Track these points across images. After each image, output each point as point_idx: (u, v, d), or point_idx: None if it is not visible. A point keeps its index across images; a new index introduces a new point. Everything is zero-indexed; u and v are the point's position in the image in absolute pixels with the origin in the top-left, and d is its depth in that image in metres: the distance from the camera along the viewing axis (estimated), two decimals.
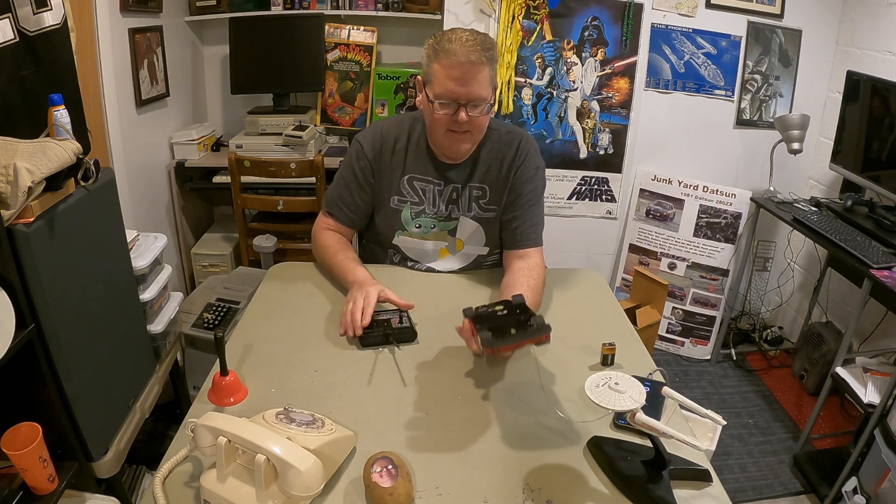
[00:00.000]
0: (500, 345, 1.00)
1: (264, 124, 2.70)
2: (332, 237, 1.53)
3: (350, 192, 1.52)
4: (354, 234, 1.62)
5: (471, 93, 1.31)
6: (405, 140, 1.49)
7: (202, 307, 2.10)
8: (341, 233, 1.55)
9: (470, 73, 1.29)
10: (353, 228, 1.57)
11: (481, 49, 1.29)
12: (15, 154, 1.07)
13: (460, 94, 1.31)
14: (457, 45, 1.29)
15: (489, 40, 1.33)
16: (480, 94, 1.32)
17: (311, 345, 1.23)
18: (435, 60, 1.32)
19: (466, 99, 1.32)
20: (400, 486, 0.83)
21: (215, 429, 0.83)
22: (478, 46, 1.29)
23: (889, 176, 2.21)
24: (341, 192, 1.53)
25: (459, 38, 1.30)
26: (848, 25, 2.63)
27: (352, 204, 1.52)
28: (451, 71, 1.30)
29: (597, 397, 0.84)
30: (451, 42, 1.30)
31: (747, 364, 2.86)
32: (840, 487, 1.92)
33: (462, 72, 1.29)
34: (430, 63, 1.34)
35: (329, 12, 2.79)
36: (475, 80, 1.30)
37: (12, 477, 1.11)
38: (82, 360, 1.26)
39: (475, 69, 1.29)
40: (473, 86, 1.31)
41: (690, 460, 0.95)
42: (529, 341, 1.01)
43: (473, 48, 1.29)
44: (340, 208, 1.53)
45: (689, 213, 2.80)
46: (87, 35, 1.97)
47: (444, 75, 1.31)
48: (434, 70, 1.33)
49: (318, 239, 1.55)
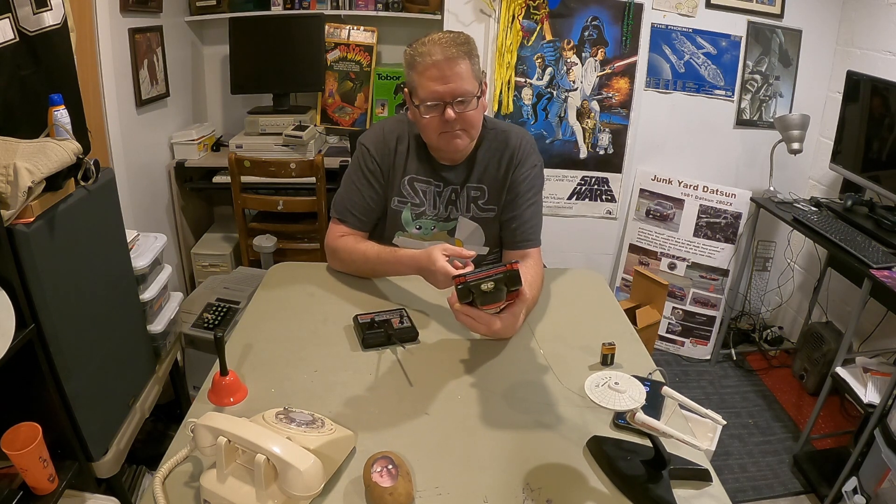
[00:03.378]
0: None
1: (264, 124, 2.70)
2: (350, 241, 1.47)
3: (361, 195, 1.49)
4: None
5: (454, 89, 1.31)
6: (406, 141, 1.48)
7: (202, 307, 2.10)
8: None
9: (448, 69, 1.30)
10: (364, 231, 1.53)
11: (455, 44, 1.30)
12: (15, 154, 1.07)
13: (443, 92, 1.31)
14: (429, 47, 1.30)
15: (463, 35, 1.34)
16: (464, 88, 1.32)
17: (311, 345, 1.23)
18: (412, 69, 1.33)
19: (451, 96, 1.31)
20: (400, 486, 0.83)
21: (215, 429, 0.83)
22: (451, 42, 1.30)
23: (889, 176, 2.21)
24: (352, 197, 1.49)
25: (431, 39, 1.32)
26: (848, 25, 2.63)
27: (363, 206, 1.49)
28: (429, 72, 1.30)
29: (597, 397, 0.84)
30: (423, 45, 1.31)
31: (747, 364, 2.86)
32: (840, 487, 1.92)
33: (440, 70, 1.30)
34: (410, 73, 1.36)
35: (329, 12, 2.80)
36: (455, 76, 1.30)
37: (12, 477, 1.11)
38: (82, 360, 1.26)
39: (452, 63, 1.30)
40: (455, 81, 1.31)
41: (690, 460, 0.95)
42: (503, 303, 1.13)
43: (447, 45, 1.30)
44: (352, 213, 1.49)
45: (689, 213, 2.80)
46: (87, 35, 1.97)
47: (424, 78, 1.32)
48: (414, 78, 1.34)
49: (337, 249, 1.47)
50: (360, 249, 1.45)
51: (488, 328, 1.15)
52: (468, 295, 1.09)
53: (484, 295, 1.08)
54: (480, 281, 1.07)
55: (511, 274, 1.08)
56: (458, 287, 1.08)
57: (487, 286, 1.07)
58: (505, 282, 1.08)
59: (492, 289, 1.07)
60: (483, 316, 1.14)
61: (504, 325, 1.17)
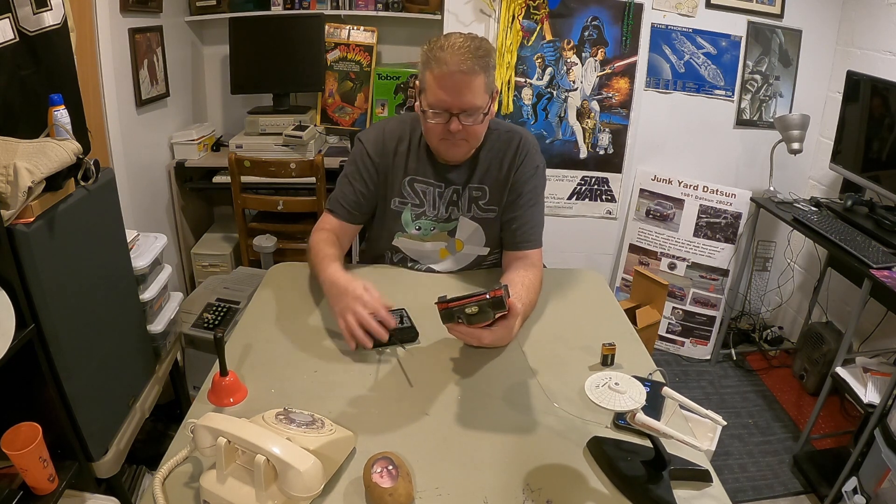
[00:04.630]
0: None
1: (264, 124, 2.70)
2: (320, 236, 1.45)
3: (352, 188, 1.49)
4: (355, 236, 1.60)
5: (463, 103, 1.29)
6: (407, 142, 1.48)
7: (202, 307, 2.10)
8: (338, 231, 1.49)
9: (462, 83, 1.27)
10: (353, 223, 1.52)
11: (474, 57, 1.26)
12: (15, 154, 1.07)
13: (452, 104, 1.29)
14: (448, 54, 1.26)
15: (484, 46, 1.29)
16: (473, 104, 1.30)
17: (311, 345, 1.23)
18: (427, 69, 1.31)
19: (459, 109, 1.30)
20: (400, 487, 0.83)
21: (215, 429, 0.83)
22: (470, 55, 1.25)
23: (889, 176, 2.21)
24: (343, 189, 1.50)
25: (452, 45, 1.27)
26: (848, 25, 2.63)
27: (352, 200, 1.49)
28: (442, 81, 1.28)
29: (597, 397, 0.84)
30: (443, 50, 1.27)
31: (747, 364, 2.86)
32: (840, 487, 1.92)
33: (454, 82, 1.27)
34: (423, 71, 1.32)
35: (329, 12, 2.79)
36: (468, 90, 1.28)
37: (12, 477, 1.11)
38: (82, 360, 1.26)
39: (467, 79, 1.26)
40: (466, 96, 1.28)
41: (690, 460, 0.95)
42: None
43: (466, 57, 1.25)
44: (340, 204, 1.50)
45: (689, 213, 2.80)
46: (87, 35, 1.97)
47: (435, 85, 1.29)
48: (427, 79, 1.31)
49: (312, 240, 1.47)
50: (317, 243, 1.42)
51: (479, 342, 1.15)
52: (452, 318, 1.09)
53: (469, 317, 1.08)
54: (464, 306, 1.07)
55: (495, 300, 1.07)
56: (442, 311, 1.09)
57: (472, 310, 1.07)
58: (489, 306, 1.08)
59: (476, 312, 1.07)
60: (473, 332, 1.14)
61: (496, 338, 1.16)
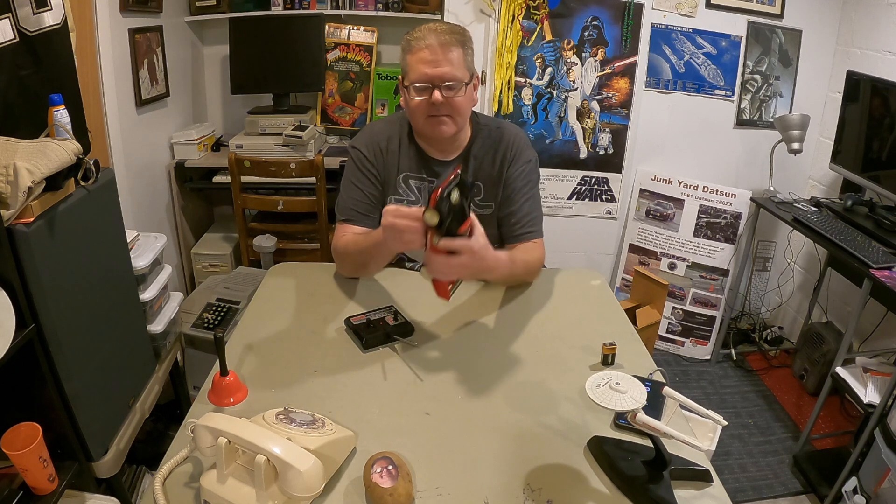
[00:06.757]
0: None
1: (264, 124, 2.70)
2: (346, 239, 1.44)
3: (362, 192, 1.48)
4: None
5: (443, 73, 1.34)
6: (397, 140, 1.50)
7: (202, 307, 2.10)
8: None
9: (440, 54, 1.33)
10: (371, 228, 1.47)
11: (450, 32, 1.35)
12: (15, 154, 1.07)
13: (433, 75, 1.34)
14: (424, 32, 1.35)
15: (459, 27, 1.39)
16: (454, 74, 1.35)
17: (311, 345, 1.23)
18: (407, 52, 1.37)
19: (440, 79, 1.34)
20: (400, 487, 0.83)
21: (215, 429, 0.83)
22: (446, 30, 1.35)
23: (889, 176, 2.21)
24: (352, 195, 1.48)
25: (427, 26, 1.36)
26: (848, 25, 2.63)
27: (366, 204, 1.47)
28: (421, 54, 1.34)
29: (598, 397, 0.84)
30: (419, 31, 1.36)
31: (747, 364, 2.86)
32: (840, 487, 1.92)
33: (432, 53, 1.33)
34: (403, 56, 1.40)
35: (329, 12, 2.79)
36: (446, 61, 1.34)
37: (12, 477, 1.11)
38: (82, 360, 1.26)
39: (445, 49, 1.33)
40: (445, 66, 1.34)
41: (691, 460, 0.95)
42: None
43: (442, 32, 1.35)
44: (356, 211, 1.47)
45: (689, 213, 2.80)
46: (87, 35, 1.97)
47: (415, 61, 1.35)
48: (408, 61, 1.38)
49: (337, 250, 1.45)
50: (347, 245, 1.42)
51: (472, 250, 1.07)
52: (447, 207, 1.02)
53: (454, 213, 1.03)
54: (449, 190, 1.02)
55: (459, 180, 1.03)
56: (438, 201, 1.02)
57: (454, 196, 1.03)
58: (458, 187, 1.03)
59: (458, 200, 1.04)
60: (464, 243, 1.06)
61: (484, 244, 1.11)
